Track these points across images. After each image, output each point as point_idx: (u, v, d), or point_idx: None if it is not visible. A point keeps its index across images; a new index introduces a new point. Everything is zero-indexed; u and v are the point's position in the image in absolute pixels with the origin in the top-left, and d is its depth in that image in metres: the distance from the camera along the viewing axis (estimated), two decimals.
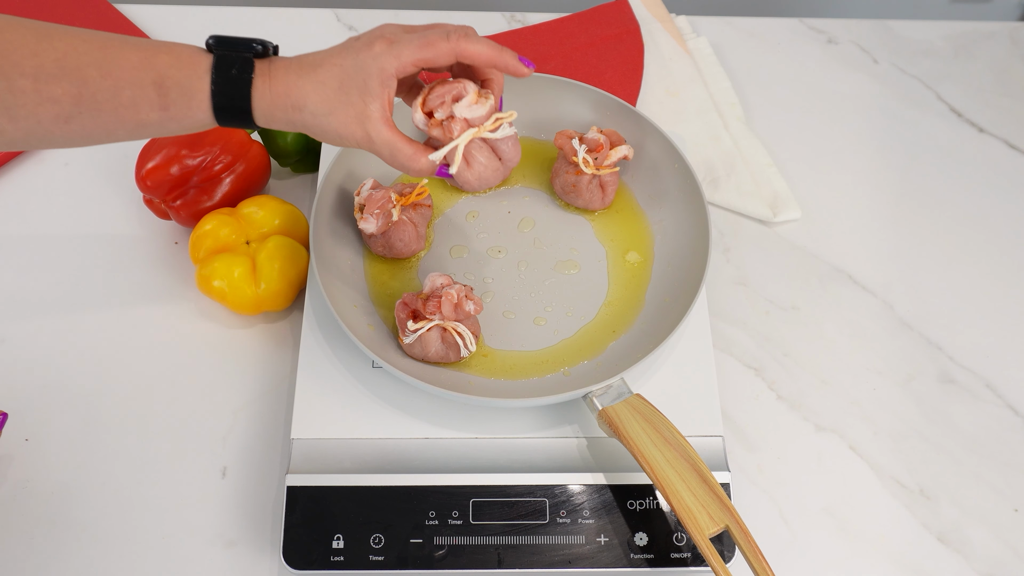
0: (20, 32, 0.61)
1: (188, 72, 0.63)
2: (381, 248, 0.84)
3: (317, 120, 0.65)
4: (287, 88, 0.64)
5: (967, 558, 0.79)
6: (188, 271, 0.90)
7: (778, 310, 0.91)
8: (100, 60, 0.62)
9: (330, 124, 0.65)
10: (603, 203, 0.88)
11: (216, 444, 0.81)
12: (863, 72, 1.09)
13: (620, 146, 0.87)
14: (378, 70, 0.64)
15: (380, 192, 0.82)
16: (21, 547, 0.76)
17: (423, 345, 0.77)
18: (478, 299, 0.77)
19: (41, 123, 0.62)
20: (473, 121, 0.68)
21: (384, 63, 0.65)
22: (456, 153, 0.67)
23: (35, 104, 0.61)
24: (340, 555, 0.72)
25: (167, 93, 0.63)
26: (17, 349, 0.85)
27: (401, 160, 0.67)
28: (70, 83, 0.61)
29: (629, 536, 0.74)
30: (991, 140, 1.04)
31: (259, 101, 0.64)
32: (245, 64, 0.64)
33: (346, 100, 0.65)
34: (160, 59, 0.63)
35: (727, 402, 0.84)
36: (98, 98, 0.62)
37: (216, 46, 0.65)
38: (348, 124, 0.65)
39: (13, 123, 0.61)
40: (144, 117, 0.63)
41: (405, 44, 0.65)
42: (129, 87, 0.62)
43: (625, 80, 1.04)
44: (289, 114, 0.65)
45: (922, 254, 0.95)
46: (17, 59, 0.60)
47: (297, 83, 0.64)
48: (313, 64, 0.65)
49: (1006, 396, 0.87)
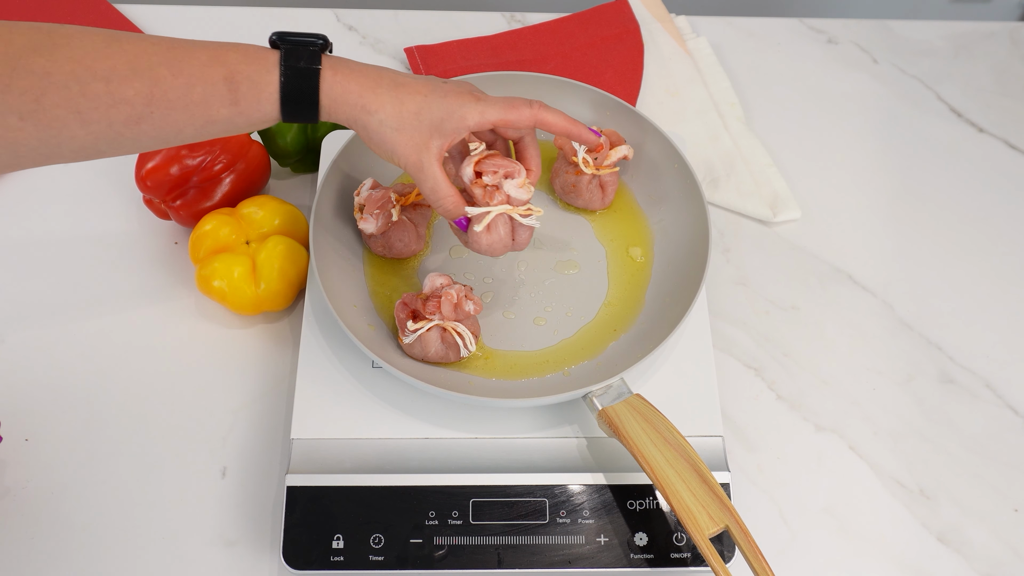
0: (90, 38, 0.62)
1: (257, 66, 0.65)
2: (381, 248, 0.84)
3: (382, 130, 0.68)
4: (362, 89, 0.67)
5: (967, 558, 0.79)
6: (188, 271, 0.90)
7: (778, 310, 0.91)
8: (170, 60, 0.63)
9: (392, 138, 0.68)
10: (603, 203, 0.88)
11: (216, 444, 0.81)
12: (863, 72, 1.09)
13: (620, 146, 0.87)
14: (459, 118, 0.69)
15: (380, 192, 0.82)
16: (21, 547, 0.76)
17: (423, 345, 0.77)
18: (478, 299, 0.77)
19: (112, 125, 0.63)
20: (512, 200, 0.74)
21: (468, 115, 0.69)
22: (486, 219, 0.73)
23: (108, 106, 0.62)
24: (340, 555, 0.72)
25: (237, 88, 0.64)
26: (17, 349, 0.85)
27: (438, 196, 0.72)
28: (142, 83, 0.62)
29: (629, 536, 0.74)
30: (991, 140, 1.04)
31: (326, 94, 0.67)
32: (312, 56, 0.66)
33: (416, 126, 0.68)
34: (229, 56, 0.65)
35: (727, 402, 0.84)
36: (170, 96, 0.63)
37: (281, 41, 0.67)
38: (407, 145, 0.69)
39: (85, 127, 0.62)
40: (215, 113, 0.65)
41: (491, 104, 0.70)
42: (200, 84, 0.64)
43: (625, 80, 1.04)
44: (357, 113, 0.68)
45: (922, 254, 0.95)
46: (89, 63, 0.61)
47: (375, 89, 0.68)
48: (393, 82, 0.69)
49: (1006, 396, 0.87)
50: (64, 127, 0.62)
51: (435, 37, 1.08)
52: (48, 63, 0.60)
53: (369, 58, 1.07)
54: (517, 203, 0.74)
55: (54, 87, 0.60)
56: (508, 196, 0.74)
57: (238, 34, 1.07)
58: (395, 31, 1.10)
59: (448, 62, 1.04)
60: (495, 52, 1.06)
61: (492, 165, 0.74)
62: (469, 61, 1.04)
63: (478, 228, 0.73)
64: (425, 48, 1.05)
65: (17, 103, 0.60)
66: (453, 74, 1.02)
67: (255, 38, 1.06)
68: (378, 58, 1.07)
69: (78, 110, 0.61)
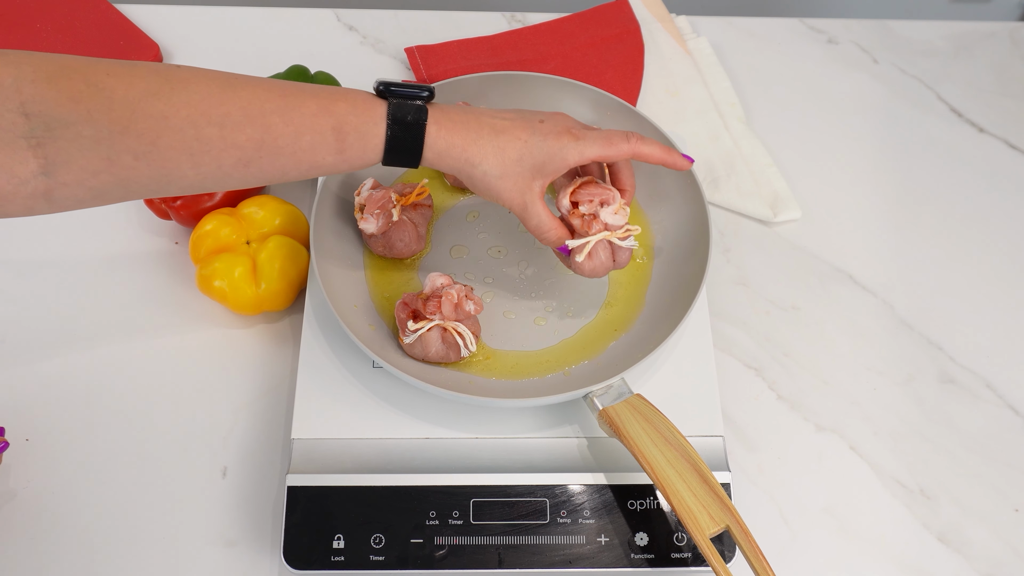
0: (206, 83, 0.64)
1: (365, 118, 0.68)
2: (381, 248, 0.84)
3: (486, 179, 0.71)
4: (465, 143, 0.70)
5: (967, 558, 0.79)
6: (188, 271, 0.90)
7: (778, 310, 0.91)
8: (282, 107, 0.65)
9: (497, 185, 0.71)
10: None
11: (216, 444, 0.81)
12: (863, 72, 1.09)
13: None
14: (560, 160, 0.71)
15: (380, 192, 0.82)
16: (21, 547, 0.76)
17: (423, 345, 0.77)
18: (478, 299, 0.77)
19: (222, 167, 0.65)
20: (610, 226, 0.76)
21: (568, 155, 0.71)
22: (586, 248, 0.75)
23: (220, 150, 0.64)
24: (340, 555, 0.73)
25: (345, 138, 0.67)
26: (17, 349, 0.85)
27: (543, 231, 0.75)
28: (254, 130, 0.65)
29: (630, 536, 0.74)
30: (991, 140, 1.04)
31: (430, 147, 0.70)
32: (420, 111, 0.69)
33: (519, 171, 0.71)
34: (338, 106, 0.67)
35: (727, 402, 0.84)
36: (279, 143, 0.66)
37: (388, 92, 0.69)
38: (511, 191, 0.72)
39: (196, 168, 0.64)
40: (320, 160, 0.68)
41: (590, 142, 0.72)
42: (309, 133, 0.66)
43: (625, 80, 1.04)
44: (460, 164, 0.71)
45: (922, 254, 0.95)
46: (205, 108, 0.63)
47: (477, 141, 0.70)
48: (496, 129, 0.71)
49: (1006, 396, 0.87)
50: (176, 167, 0.64)
51: (435, 37, 1.08)
52: (166, 107, 0.62)
53: (370, 58, 1.07)
54: (614, 228, 0.76)
55: (170, 130, 0.63)
56: (605, 224, 0.76)
57: (238, 33, 1.07)
58: (395, 31, 1.10)
59: (448, 62, 1.04)
60: (495, 52, 1.06)
61: (588, 195, 0.76)
62: (469, 61, 1.04)
63: (580, 258, 0.76)
64: (425, 48, 1.05)
65: (134, 144, 0.62)
66: (453, 74, 1.02)
67: (259, 36, 1.07)
68: (379, 58, 1.07)
69: (191, 152, 0.64)
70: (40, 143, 0.60)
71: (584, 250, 0.75)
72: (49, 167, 0.61)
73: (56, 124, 0.60)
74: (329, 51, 1.07)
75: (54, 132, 0.60)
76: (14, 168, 0.60)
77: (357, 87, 1.01)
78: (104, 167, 0.62)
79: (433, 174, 0.90)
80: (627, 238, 0.77)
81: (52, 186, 0.62)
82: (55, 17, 1.05)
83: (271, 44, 1.07)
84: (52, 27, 1.04)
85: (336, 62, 1.02)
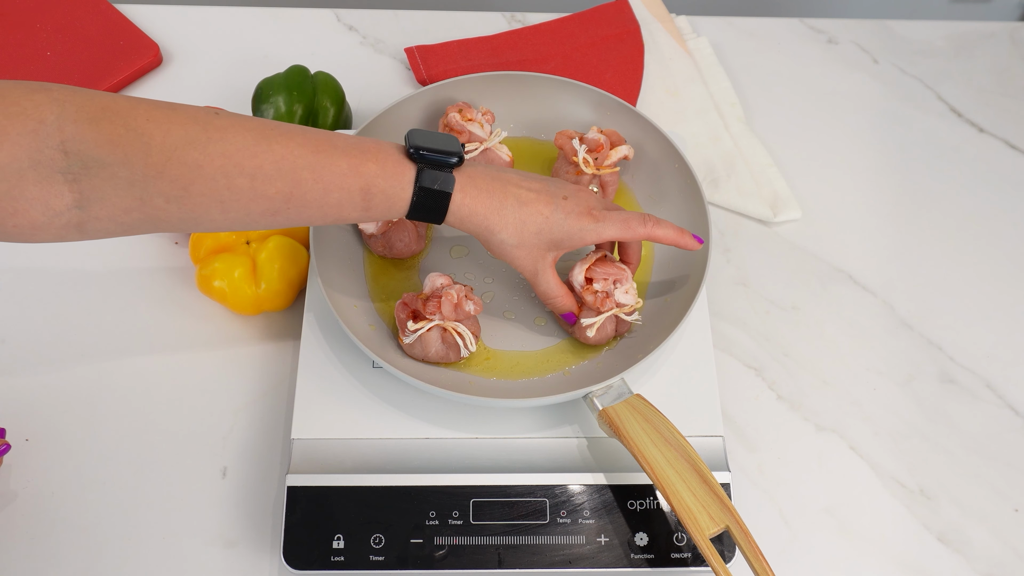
0: (243, 134, 0.65)
1: (393, 182, 0.69)
2: (381, 248, 0.84)
3: (503, 247, 0.74)
4: (487, 211, 0.72)
5: (967, 558, 0.79)
6: (188, 271, 0.90)
7: (778, 310, 0.91)
8: (313, 164, 0.67)
9: (512, 253, 0.74)
10: None
11: (216, 444, 0.81)
12: (863, 72, 1.09)
13: (620, 146, 0.87)
14: (579, 239, 0.74)
15: None
16: (21, 547, 0.76)
17: (423, 345, 0.77)
18: (478, 299, 0.77)
19: (250, 215, 0.67)
20: (620, 304, 0.78)
21: (587, 236, 0.74)
22: (596, 324, 0.78)
23: (249, 200, 0.66)
24: (340, 555, 0.73)
25: (371, 198, 0.69)
26: (17, 349, 0.85)
27: (551, 298, 0.78)
28: (284, 184, 0.66)
29: (629, 536, 0.74)
30: (991, 140, 1.04)
31: (454, 213, 0.72)
32: (447, 180, 0.71)
33: (536, 243, 0.74)
34: (368, 167, 0.69)
35: (727, 402, 0.84)
36: (308, 198, 0.67)
37: (418, 157, 0.70)
38: (526, 259, 0.75)
39: (224, 214, 0.66)
40: (346, 215, 0.70)
41: (609, 224, 0.75)
42: (337, 191, 0.68)
43: (625, 80, 1.04)
44: (480, 231, 0.73)
45: (922, 254, 0.95)
46: (239, 160, 0.65)
47: (500, 212, 0.72)
48: (518, 200, 0.73)
49: (1006, 396, 0.87)
50: (206, 212, 0.66)
51: (435, 37, 1.08)
52: (201, 156, 0.64)
53: (370, 58, 1.07)
54: (623, 305, 0.79)
55: (203, 179, 0.64)
56: (617, 302, 0.78)
57: (239, 34, 1.07)
58: (395, 31, 1.10)
59: (448, 62, 1.04)
60: (495, 52, 1.06)
61: (603, 273, 0.79)
62: (469, 61, 1.04)
63: (591, 333, 0.78)
64: (425, 48, 1.05)
65: (167, 189, 0.64)
66: (453, 74, 1.02)
67: (259, 36, 1.07)
68: (379, 58, 1.07)
69: (221, 200, 0.65)
70: (76, 179, 0.62)
71: (595, 327, 0.78)
72: (83, 202, 0.63)
73: (93, 164, 0.62)
74: (329, 51, 1.07)
75: (91, 171, 0.62)
76: (50, 201, 0.62)
77: (357, 85, 1.02)
78: (136, 206, 0.64)
79: None
80: (632, 314, 0.80)
81: (85, 219, 0.63)
82: (55, 17, 1.05)
83: (271, 44, 1.07)
84: (52, 27, 1.04)
85: (336, 62, 1.02)
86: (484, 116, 0.87)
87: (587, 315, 0.78)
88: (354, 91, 1.01)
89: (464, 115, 0.87)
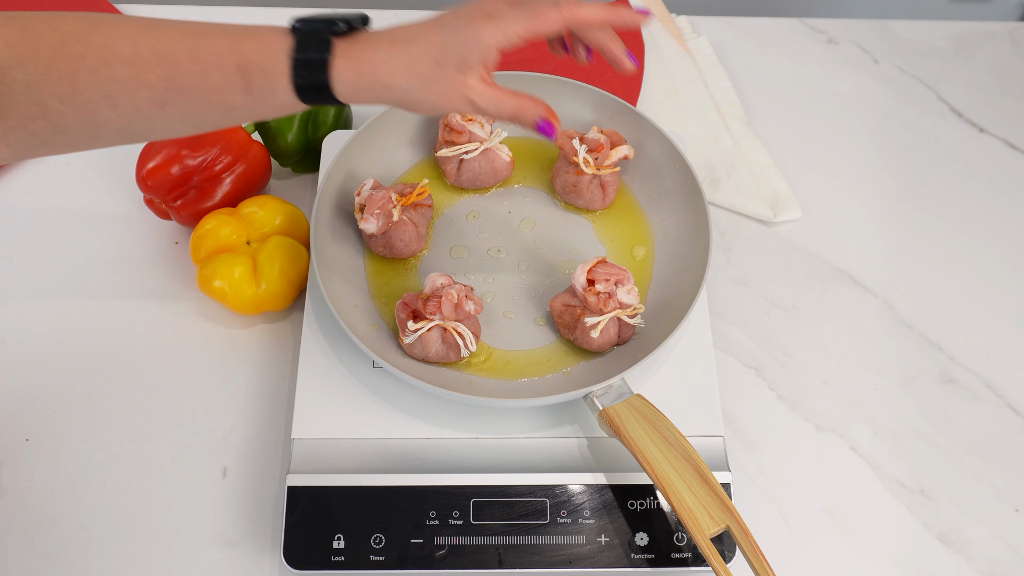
0: (126, 24, 0.64)
1: (269, 56, 0.65)
2: (382, 248, 0.84)
3: (410, 95, 0.65)
4: (374, 67, 0.64)
5: (967, 558, 0.79)
6: (189, 271, 0.90)
7: (778, 310, 0.91)
8: (191, 47, 0.64)
9: (424, 97, 0.65)
10: (603, 203, 0.88)
11: (217, 444, 0.81)
12: (863, 72, 1.09)
13: (620, 146, 0.87)
14: (480, 46, 0.64)
15: (381, 192, 0.82)
16: (21, 547, 0.76)
17: (423, 345, 0.77)
18: (478, 299, 0.77)
19: (140, 109, 0.65)
20: (623, 304, 0.78)
21: (487, 39, 0.64)
22: (599, 325, 0.78)
23: (132, 90, 0.64)
24: (341, 555, 0.72)
25: (250, 77, 0.65)
26: (17, 349, 0.85)
27: (503, 110, 0.67)
28: (162, 69, 0.64)
29: (630, 536, 0.74)
30: (991, 140, 1.04)
31: (340, 81, 0.64)
32: (322, 45, 0.64)
33: (442, 75, 0.65)
34: (246, 44, 0.65)
35: (728, 402, 0.84)
36: (187, 82, 0.64)
37: (295, 29, 0.66)
38: (445, 95, 0.65)
39: (115, 110, 0.64)
40: (231, 100, 0.65)
41: (511, 19, 0.64)
42: (215, 71, 0.65)
43: (626, 80, 1.04)
44: (377, 91, 0.65)
45: (922, 254, 0.95)
46: (117, 47, 0.63)
47: (386, 60, 0.64)
48: (404, 40, 0.65)
49: (1006, 396, 0.87)
50: (97, 110, 0.64)
51: None
52: (84, 48, 0.63)
53: None
54: (626, 307, 0.78)
55: (86, 71, 0.63)
56: (620, 302, 0.78)
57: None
58: None
59: None
60: None
61: (604, 273, 0.78)
62: None
63: (595, 334, 0.77)
64: None
65: (56, 87, 0.63)
66: None
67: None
68: None
69: (107, 93, 0.64)
70: None
71: (599, 327, 0.77)
72: None
73: None
74: None
75: None
76: None
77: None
78: (39, 112, 0.63)
79: (433, 174, 0.90)
80: (635, 316, 0.79)
81: (4, 130, 0.63)
82: None
83: None
84: None
85: None
86: (484, 116, 0.87)
87: (590, 316, 0.78)
88: None
89: (464, 115, 0.87)
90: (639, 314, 0.80)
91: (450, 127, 0.87)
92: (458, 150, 0.87)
